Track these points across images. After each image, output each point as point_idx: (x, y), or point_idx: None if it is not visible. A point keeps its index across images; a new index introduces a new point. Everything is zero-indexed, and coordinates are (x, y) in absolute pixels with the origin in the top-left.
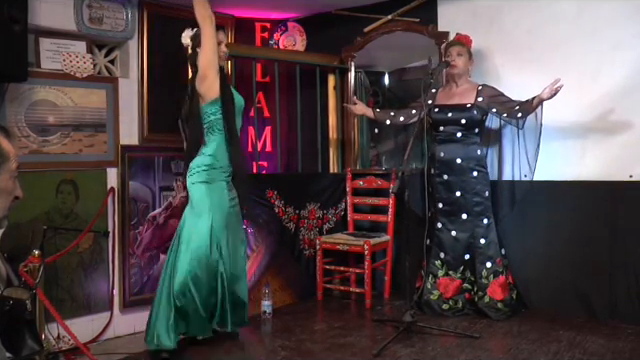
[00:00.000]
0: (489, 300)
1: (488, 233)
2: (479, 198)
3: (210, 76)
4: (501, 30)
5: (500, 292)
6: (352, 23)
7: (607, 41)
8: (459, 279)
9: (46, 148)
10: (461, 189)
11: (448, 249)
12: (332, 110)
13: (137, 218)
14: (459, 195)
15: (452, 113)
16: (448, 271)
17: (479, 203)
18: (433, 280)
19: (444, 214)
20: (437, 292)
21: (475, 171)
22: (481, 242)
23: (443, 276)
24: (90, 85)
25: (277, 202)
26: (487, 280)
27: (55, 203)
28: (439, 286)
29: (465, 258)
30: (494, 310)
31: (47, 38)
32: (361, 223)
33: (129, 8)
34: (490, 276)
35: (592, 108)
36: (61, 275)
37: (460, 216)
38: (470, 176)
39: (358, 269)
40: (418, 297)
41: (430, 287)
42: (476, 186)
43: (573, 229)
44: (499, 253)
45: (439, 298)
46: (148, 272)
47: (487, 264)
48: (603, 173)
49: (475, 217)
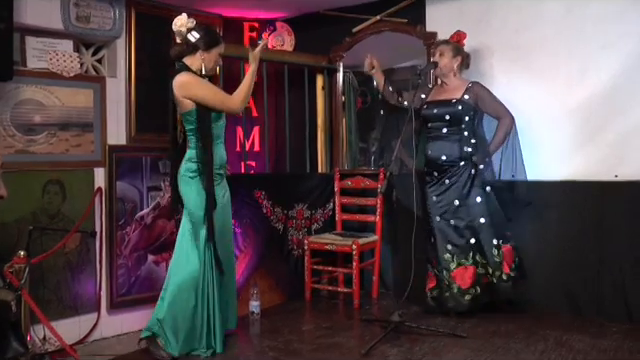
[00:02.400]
0: (506, 277)
1: (485, 211)
2: (467, 179)
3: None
4: (489, 30)
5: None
6: (340, 23)
7: (595, 41)
8: (472, 265)
9: (32, 148)
10: (449, 177)
11: (453, 238)
12: (320, 110)
13: (124, 218)
14: (448, 183)
15: (437, 109)
16: (460, 260)
17: (466, 184)
18: (448, 275)
19: (439, 205)
20: (456, 285)
21: (462, 161)
22: (481, 221)
23: (457, 267)
24: (77, 84)
25: (265, 202)
26: (499, 257)
27: (41, 203)
28: (455, 279)
29: (471, 242)
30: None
31: (33, 37)
32: (349, 223)
33: (117, 7)
34: (500, 251)
35: (579, 108)
36: (47, 276)
37: (453, 203)
38: (457, 166)
39: (346, 269)
40: (434, 297)
41: (448, 283)
42: (464, 171)
43: (560, 228)
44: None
45: (459, 291)
46: (136, 273)
47: (494, 241)
48: (590, 173)
49: (467, 199)
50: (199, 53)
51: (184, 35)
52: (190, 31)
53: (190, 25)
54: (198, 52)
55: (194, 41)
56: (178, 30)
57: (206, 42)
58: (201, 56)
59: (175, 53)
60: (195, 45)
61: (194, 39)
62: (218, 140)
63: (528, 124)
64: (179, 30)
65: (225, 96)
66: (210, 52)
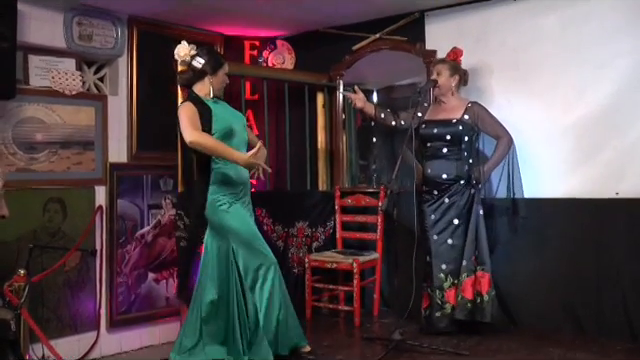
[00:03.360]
0: (461, 300)
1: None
2: (467, 198)
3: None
4: (487, 49)
5: (470, 291)
6: (340, 41)
7: (591, 60)
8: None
9: (33, 166)
10: (449, 197)
11: (448, 259)
12: (321, 128)
13: (125, 236)
14: (448, 202)
15: (437, 129)
16: (454, 281)
17: (466, 203)
18: (441, 294)
19: (437, 224)
20: (449, 305)
21: (462, 180)
22: (468, 241)
23: (449, 287)
24: (79, 102)
25: (266, 220)
26: (461, 277)
27: (42, 221)
28: (449, 299)
29: (463, 264)
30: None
31: (36, 55)
32: (350, 241)
33: (119, 25)
34: (464, 274)
35: (577, 126)
36: (47, 294)
37: (452, 222)
38: (457, 185)
39: (347, 287)
40: (427, 316)
41: (441, 302)
42: (465, 191)
43: (560, 246)
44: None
45: (452, 310)
46: (136, 291)
47: (463, 262)
48: (590, 190)
49: (467, 219)
50: (207, 78)
51: (189, 62)
52: (194, 58)
53: (193, 52)
54: (206, 77)
55: (200, 67)
56: (182, 60)
57: (212, 66)
58: (209, 80)
59: (184, 82)
60: (202, 71)
61: (200, 65)
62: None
63: (526, 142)
64: (183, 59)
65: (192, 127)
66: (217, 74)
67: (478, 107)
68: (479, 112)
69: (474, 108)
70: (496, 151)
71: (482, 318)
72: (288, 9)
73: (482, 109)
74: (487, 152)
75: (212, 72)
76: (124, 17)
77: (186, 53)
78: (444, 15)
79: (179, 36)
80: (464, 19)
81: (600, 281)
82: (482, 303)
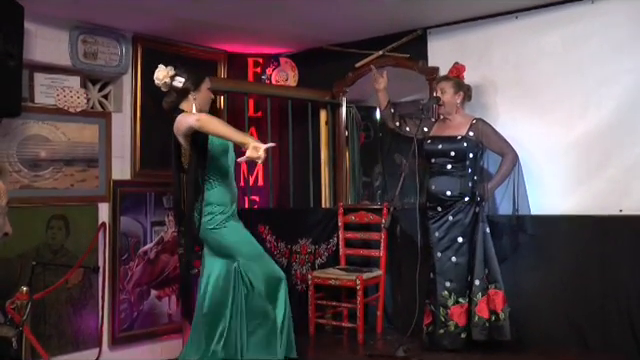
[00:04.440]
0: (478, 319)
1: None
2: (472, 216)
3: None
4: (490, 65)
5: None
6: (343, 58)
7: (594, 77)
8: (467, 303)
9: (37, 183)
10: (454, 214)
11: (452, 276)
12: (324, 145)
13: (128, 253)
14: (452, 219)
15: (442, 145)
16: (457, 299)
17: (471, 221)
18: (445, 312)
19: (441, 242)
20: (452, 323)
21: (466, 197)
22: (476, 261)
23: (453, 305)
24: (83, 120)
25: (269, 237)
26: (476, 298)
27: (45, 238)
28: (452, 316)
29: (469, 280)
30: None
31: (41, 73)
32: (353, 258)
33: (123, 43)
34: (478, 294)
35: (581, 142)
36: (49, 311)
37: (456, 240)
38: (462, 202)
39: (350, 304)
40: (429, 333)
41: (444, 320)
42: (469, 208)
43: (565, 262)
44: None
45: (456, 328)
46: (138, 308)
47: (476, 281)
48: (594, 207)
49: (472, 237)
50: (190, 95)
51: (170, 84)
52: (174, 78)
53: (172, 72)
54: (190, 94)
55: (182, 85)
56: (163, 83)
57: (193, 82)
58: (193, 97)
59: (169, 105)
60: (185, 89)
61: (181, 84)
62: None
63: (530, 158)
64: (164, 82)
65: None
66: (200, 90)
67: (483, 124)
68: (484, 129)
69: (479, 125)
70: (501, 168)
71: (501, 337)
72: (291, 26)
73: (487, 126)
74: (492, 169)
75: (194, 88)
76: (129, 35)
77: (165, 75)
78: (446, 32)
79: (183, 53)
80: (466, 36)
81: (605, 298)
82: (499, 321)
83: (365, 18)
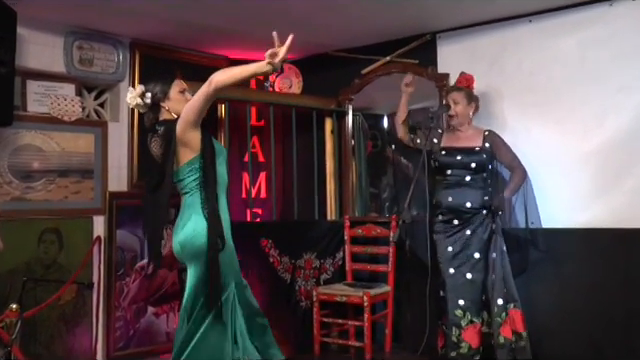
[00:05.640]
0: (504, 341)
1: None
2: (488, 232)
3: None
4: (503, 72)
5: (522, 327)
6: (349, 65)
7: (611, 84)
8: (480, 323)
9: (29, 195)
10: (471, 228)
11: (466, 294)
12: (329, 154)
13: (124, 268)
14: (469, 233)
15: (461, 156)
16: (472, 318)
17: (489, 238)
18: (458, 332)
19: (456, 257)
20: (466, 344)
21: (484, 209)
22: (493, 277)
23: (467, 325)
24: (78, 129)
25: (272, 251)
26: (501, 319)
27: (37, 253)
28: (465, 337)
29: (484, 299)
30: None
31: (35, 80)
32: (360, 273)
33: (120, 49)
34: (502, 314)
35: (598, 152)
36: (40, 330)
37: (473, 256)
38: (480, 214)
39: (357, 321)
40: (442, 356)
41: (457, 341)
42: (488, 223)
43: (582, 278)
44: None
45: (469, 350)
46: (134, 325)
47: (499, 300)
48: (613, 220)
49: (488, 252)
50: (164, 104)
51: (143, 103)
52: (144, 96)
53: (139, 91)
54: (163, 104)
55: (153, 100)
56: (136, 104)
57: (161, 90)
58: (167, 106)
59: (150, 122)
60: (156, 101)
61: (151, 99)
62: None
63: (545, 169)
64: (137, 103)
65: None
66: (169, 96)
67: (495, 136)
68: (496, 140)
69: (491, 137)
70: (510, 183)
71: (524, 357)
72: (296, 31)
73: (499, 138)
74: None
75: (164, 95)
76: (126, 41)
77: (134, 96)
78: (457, 37)
79: (182, 60)
80: (478, 41)
81: (629, 317)
82: (521, 341)
83: (372, 22)
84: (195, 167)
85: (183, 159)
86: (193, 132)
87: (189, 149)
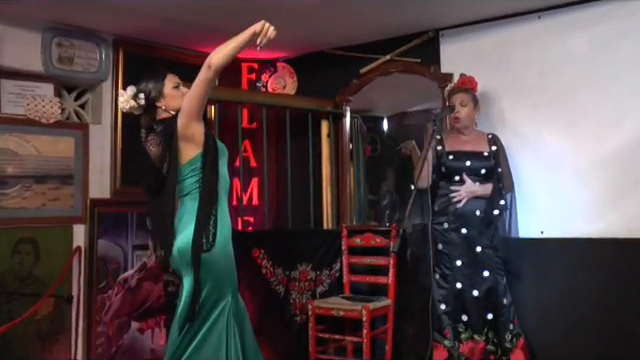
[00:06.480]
0: None
1: (507, 291)
2: (499, 253)
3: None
4: (509, 71)
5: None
6: (347, 64)
7: (626, 83)
8: (483, 341)
9: (3, 202)
10: (481, 244)
11: (470, 310)
12: (326, 159)
13: (106, 281)
14: (479, 250)
15: (470, 161)
16: (473, 334)
17: (500, 258)
18: (457, 346)
19: (464, 272)
20: (463, 358)
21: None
22: (504, 302)
23: (467, 340)
24: (57, 132)
25: (264, 262)
26: (510, 344)
27: (11, 264)
28: (464, 352)
29: (488, 318)
30: None
31: (9, 80)
32: (359, 285)
33: (103, 47)
34: (513, 339)
35: (613, 158)
36: (15, 346)
37: (482, 273)
38: (490, 229)
39: (356, 337)
40: None
41: (457, 356)
42: (495, 240)
43: (594, 290)
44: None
45: None
46: (117, 342)
47: (510, 326)
48: (628, 229)
49: (496, 274)
50: (160, 103)
51: (137, 104)
52: (137, 97)
53: (131, 92)
54: (159, 103)
55: (147, 100)
56: (130, 107)
57: (155, 89)
58: (163, 104)
59: (147, 123)
60: (151, 101)
61: (144, 99)
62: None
63: (555, 176)
64: (131, 105)
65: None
66: (164, 94)
67: (498, 139)
68: (499, 145)
69: (496, 140)
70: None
71: None
72: (290, 28)
73: (501, 143)
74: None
75: (158, 94)
76: (109, 38)
77: (126, 99)
78: (461, 34)
79: (168, 58)
80: (483, 38)
81: None
82: None
83: (371, 19)
84: (197, 167)
85: (185, 157)
86: (196, 125)
87: (192, 144)
